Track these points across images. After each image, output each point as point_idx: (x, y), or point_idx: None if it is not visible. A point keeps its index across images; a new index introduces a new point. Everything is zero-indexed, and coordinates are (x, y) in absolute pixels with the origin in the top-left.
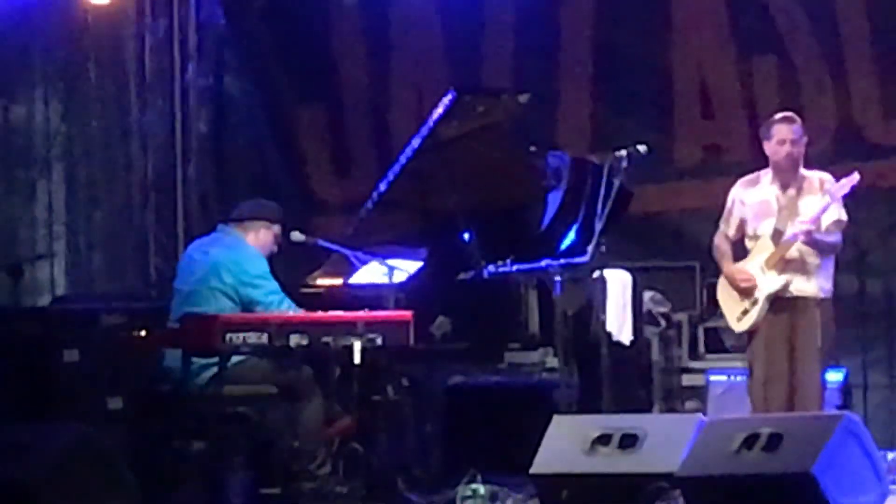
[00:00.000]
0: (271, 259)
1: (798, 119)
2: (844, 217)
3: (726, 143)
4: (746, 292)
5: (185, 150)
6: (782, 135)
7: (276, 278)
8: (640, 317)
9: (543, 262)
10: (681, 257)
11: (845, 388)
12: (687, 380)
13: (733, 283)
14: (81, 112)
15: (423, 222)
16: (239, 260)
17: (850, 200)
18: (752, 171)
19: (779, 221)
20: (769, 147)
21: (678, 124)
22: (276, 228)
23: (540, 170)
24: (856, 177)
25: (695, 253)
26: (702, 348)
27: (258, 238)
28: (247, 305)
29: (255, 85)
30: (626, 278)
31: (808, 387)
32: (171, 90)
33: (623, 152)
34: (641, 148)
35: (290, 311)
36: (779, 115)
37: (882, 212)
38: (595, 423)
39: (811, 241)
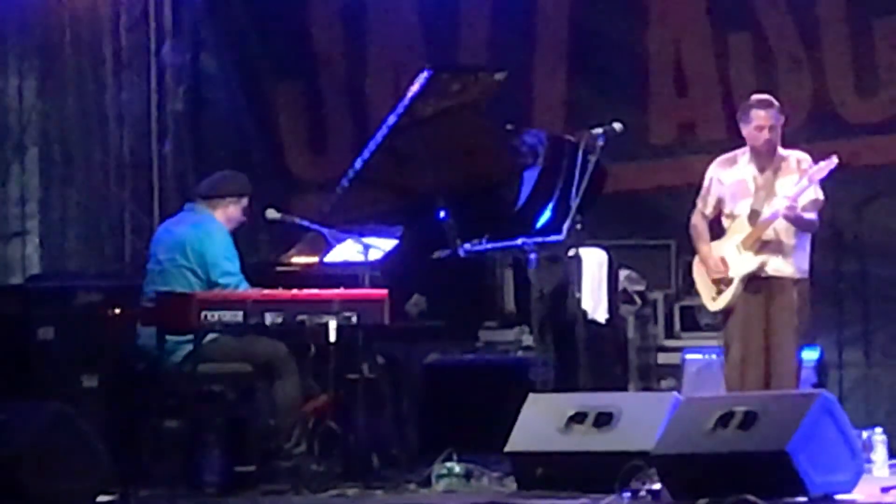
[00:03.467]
0: (236, 233)
1: (775, 102)
2: (821, 197)
3: (701, 121)
4: (718, 278)
5: (161, 127)
6: (760, 121)
7: (239, 255)
8: (616, 295)
9: (519, 240)
10: (656, 235)
11: (821, 367)
12: (662, 358)
13: (706, 268)
14: (57, 89)
15: (399, 200)
16: (202, 238)
17: (825, 179)
18: (727, 150)
19: (756, 202)
20: (747, 131)
21: (653, 102)
22: (245, 201)
23: (516, 148)
24: (834, 160)
25: (670, 231)
26: (677, 327)
27: (226, 213)
28: (209, 284)
29: (231, 62)
30: (601, 256)
31: (784, 366)
32: (147, 67)
33: (599, 130)
34: (617, 126)
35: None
36: (755, 99)
37: (856, 190)
38: (570, 402)
39: (792, 217)
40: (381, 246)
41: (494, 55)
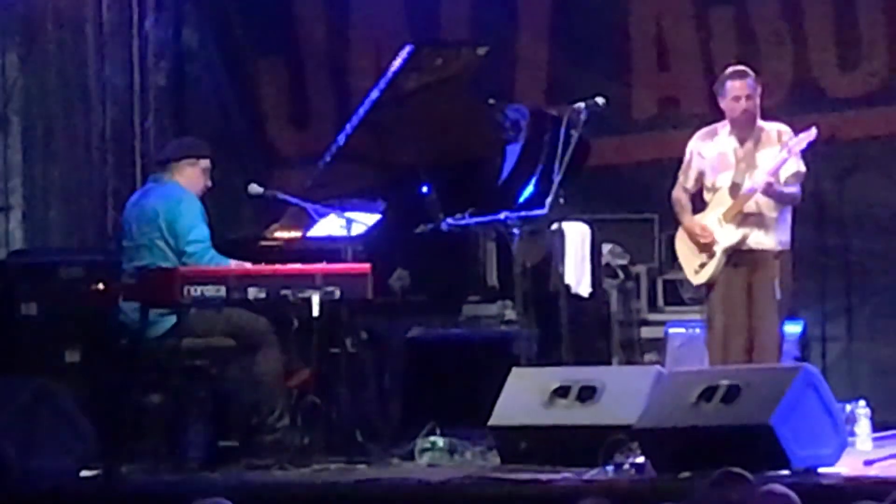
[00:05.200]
0: (204, 200)
1: (750, 72)
2: (803, 168)
3: (683, 95)
4: (704, 246)
5: (143, 102)
6: (736, 91)
7: (214, 227)
8: (599, 269)
9: (502, 215)
10: (639, 210)
11: (804, 341)
12: (646, 332)
13: (692, 237)
14: (39, 64)
15: (382, 175)
16: (171, 208)
17: (806, 153)
18: (709, 124)
19: (737, 174)
20: (724, 103)
21: (635, 77)
22: (204, 163)
23: (498, 122)
24: (813, 132)
25: (653, 205)
26: (660, 300)
27: (186, 176)
28: (177, 253)
29: (214, 37)
30: (584, 230)
31: (767, 339)
32: (130, 43)
33: (581, 105)
34: (600, 100)
35: (214, 261)
36: (730, 70)
37: (838, 163)
38: (554, 376)
39: (771, 192)
40: (363, 220)
41: (477, 30)
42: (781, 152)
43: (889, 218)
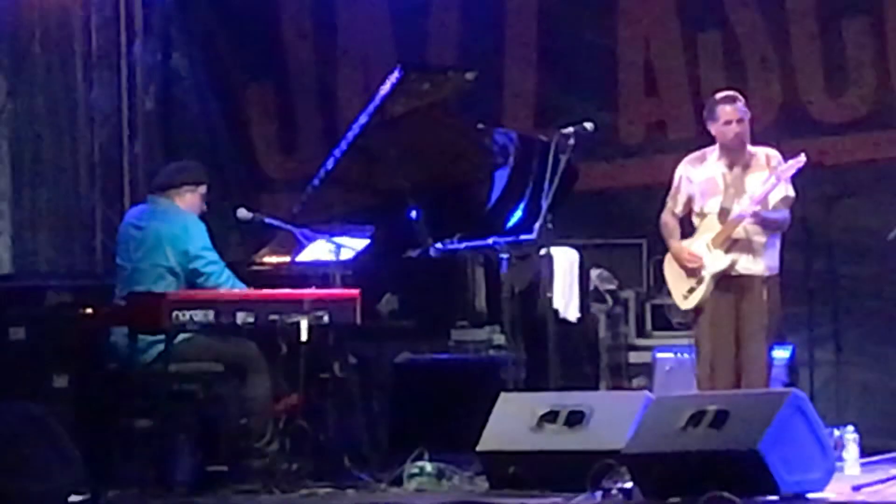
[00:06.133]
0: (205, 220)
1: (740, 97)
2: (792, 194)
3: (671, 120)
4: (692, 271)
5: (131, 127)
6: (727, 115)
7: (214, 245)
8: (587, 294)
9: (490, 240)
10: (627, 235)
11: (792, 366)
12: (634, 357)
13: (680, 262)
14: (28, 89)
15: (370, 200)
16: (180, 235)
17: (794, 177)
18: (697, 148)
19: (725, 199)
20: (715, 128)
21: (623, 101)
22: (202, 189)
23: (487, 147)
24: (802, 158)
25: (641, 230)
26: (649, 325)
27: (185, 202)
28: (190, 278)
29: (202, 62)
30: (572, 256)
31: (755, 364)
32: (118, 67)
33: (570, 130)
34: (588, 125)
35: (230, 281)
36: (720, 95)
37: (826, 189)
38: (542, 401)
39: (758, 220)
40: (352, 245)
41: (465, 54)
42: (770, 179)
43: (876, 243)
